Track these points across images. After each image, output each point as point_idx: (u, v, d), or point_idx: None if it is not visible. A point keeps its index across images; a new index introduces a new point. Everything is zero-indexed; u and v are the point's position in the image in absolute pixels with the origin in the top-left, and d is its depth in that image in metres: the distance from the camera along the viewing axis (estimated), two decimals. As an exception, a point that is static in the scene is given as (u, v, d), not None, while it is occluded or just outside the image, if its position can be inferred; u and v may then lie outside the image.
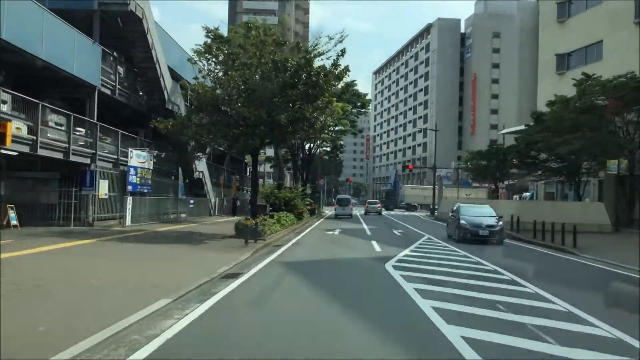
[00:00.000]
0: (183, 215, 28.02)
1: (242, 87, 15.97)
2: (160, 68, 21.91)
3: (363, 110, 43.86)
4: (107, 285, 8.36)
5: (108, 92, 20.42)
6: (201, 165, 28.29)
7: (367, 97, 43.12)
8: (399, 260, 12.68)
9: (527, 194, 58.18)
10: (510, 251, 16.37)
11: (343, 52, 17.08)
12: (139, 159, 21.31)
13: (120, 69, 21.81)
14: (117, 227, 19.23)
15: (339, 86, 42.41)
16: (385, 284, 9.50)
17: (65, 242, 14.18)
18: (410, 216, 49.43)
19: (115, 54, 21.39)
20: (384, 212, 49.78)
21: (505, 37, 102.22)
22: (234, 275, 9.98)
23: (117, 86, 20.90)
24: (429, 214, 54.22)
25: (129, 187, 20.73)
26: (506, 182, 56.48)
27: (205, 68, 17.54)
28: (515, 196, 58.22)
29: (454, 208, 20.53)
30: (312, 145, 43.06)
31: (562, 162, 33.14)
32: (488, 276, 10.54)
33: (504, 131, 60.73)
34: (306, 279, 9.91)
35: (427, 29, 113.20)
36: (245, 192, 43.29)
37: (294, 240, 18.31)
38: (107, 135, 20.92)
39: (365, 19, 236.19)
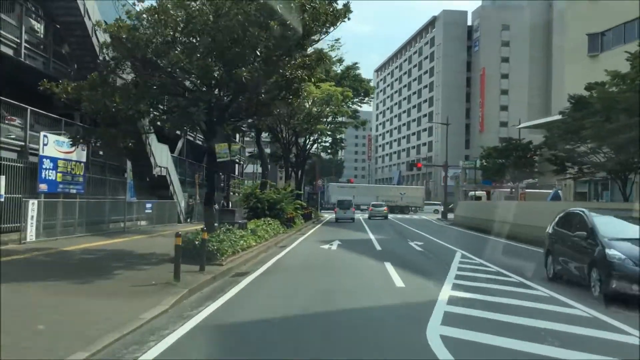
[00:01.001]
0: (142, 222, 22.07)
1: (182, 25, 10.04)
2: (93, 23, 16.00)
3: (366, 99, 37.92)
4: None
5: (9, 52, 14.49)
6: (163, 159, 22.32)
7: (371, 84, 36.97)
8: (450, 318, 6.61)
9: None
10: None
11: (341, -24, 11.16)
12: (59, 147, 15.35)
13: (37, 25, 15.94)
14: (14, 244, 13.23)
15: (339, 70, 36.52)
16: None
17: None
18: (419, 220, 43.35)
19: (28, 4, 15.50)
20: (390, 216, 43.67)
21: (515, 29, 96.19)
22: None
23: (25, 44, 14.93)
24: (440, 217, 48.16)
25: (42, 186, 14.74)
26: (526, 182, 50.47)
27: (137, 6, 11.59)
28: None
29: (561, 219, 10.66)
30: (307, 138, 37.04)
31: (615, 154, 27.09)
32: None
33: (522, 125, 54.76)
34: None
35: (432, 22, 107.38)
36: (234, 194, 37.40)
37: (269, 263, 12.30)
38: (16, 115, 14.98)
39: (365, 21, 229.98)
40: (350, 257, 14.04)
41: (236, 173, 46.76)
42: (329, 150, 40.37)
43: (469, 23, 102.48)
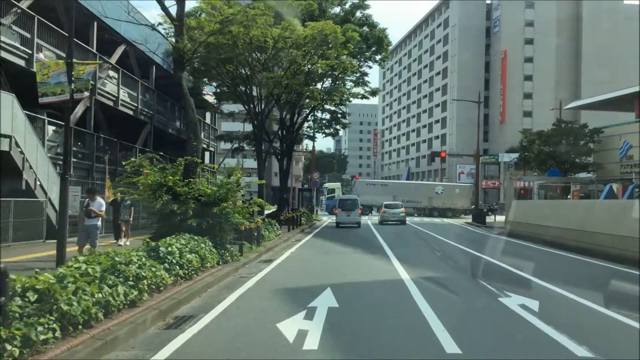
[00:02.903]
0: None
1: None
2: None
3: (379, 56, 26.75)
4: None
5: None
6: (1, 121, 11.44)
7: (387, 32, 25.68)
8: None
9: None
10: None
11: None
12: None
13: None
14: None
15: (338, 10, 25.48)
16: None
17: None
18: (448, 227, 32.42)
19: None
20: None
21: (540, 7, 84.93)
22: None
23: None
24: (470, 221, 37.04)
25: None
26: (581, 175, 39.39)
27: None
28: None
29: None
30: (296, 113, 26.17)
31: None
32: None
33: (573, 104, 43.86)
34: None
35: (446, 1, 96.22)
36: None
37: None
38: None
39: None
40: None
41: (207, 160, 35.57)
42: (326, 131, 29.24)
43: (488, 1, 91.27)
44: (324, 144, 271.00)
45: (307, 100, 21.90)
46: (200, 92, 25.18)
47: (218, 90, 25.74)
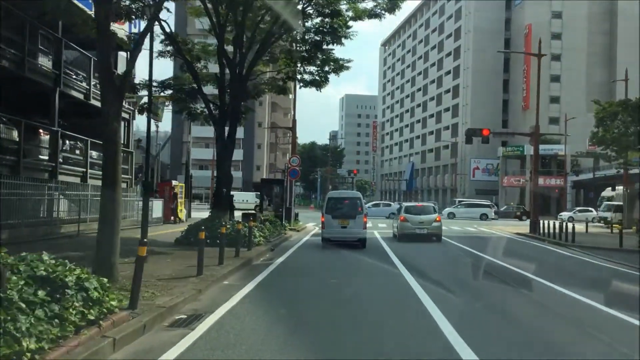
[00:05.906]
0: None
1: None
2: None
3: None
4: None
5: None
6: None
7: None
8: None
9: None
10: None
11: None
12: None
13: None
14: None
15: None
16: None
17: None
18: (499, 241, 19.77)
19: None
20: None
21: (569, -25, 72.26)
22: None
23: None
24: (525, 232, 24.24)
25: None
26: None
27: None
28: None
29: None
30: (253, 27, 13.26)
31: None
32: None
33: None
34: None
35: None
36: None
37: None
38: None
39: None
40: None
41: (128, 140, 22.41)
42: (305, 76, 15.85)
43: (508, -31, 78.75)
44: (318, 137, 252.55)
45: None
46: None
47: None
